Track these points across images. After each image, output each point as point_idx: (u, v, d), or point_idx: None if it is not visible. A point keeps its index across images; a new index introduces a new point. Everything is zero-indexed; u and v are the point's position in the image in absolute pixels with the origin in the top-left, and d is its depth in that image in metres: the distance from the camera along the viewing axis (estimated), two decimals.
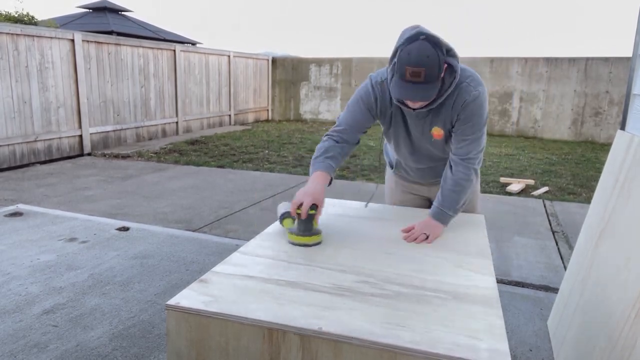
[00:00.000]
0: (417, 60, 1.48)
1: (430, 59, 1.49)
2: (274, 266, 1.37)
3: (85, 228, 3.93)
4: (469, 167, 1.73)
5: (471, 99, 1.65)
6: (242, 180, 5.92)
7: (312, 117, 13.18)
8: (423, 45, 1.48)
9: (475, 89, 1.65)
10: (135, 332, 2.38)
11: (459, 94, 1.65)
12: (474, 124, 1.69)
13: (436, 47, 1.50)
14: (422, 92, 1.53)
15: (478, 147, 1.73)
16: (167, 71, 9.33)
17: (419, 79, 1.50)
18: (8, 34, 6.13)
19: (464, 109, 1.67)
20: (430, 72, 1.49)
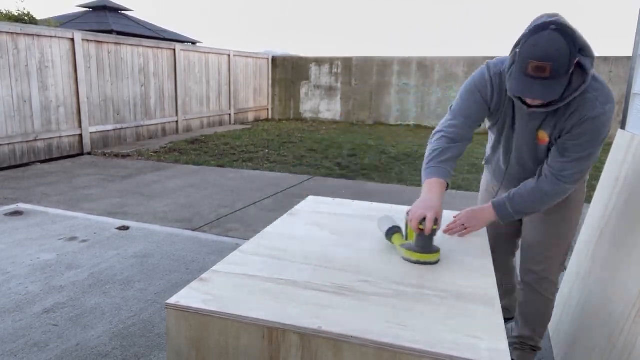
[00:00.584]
0: (544, 53, 1.30)
1: (559, 53, 1.30)
2: (274, 265, 1.37)
3: (85, 227, 3.93)
4: (558, 183, 1.55)
5: (593, 115, 1.43)
6: (242, 179, 5.92)
7: (312, 116, 13.18)
8: (553, 37, 1.30)
9: (602, 107, 1.43)
10: (136, 331, 2.38)
11: (582, 105, 1.44)
12: (584, 143, 1.48)
13: (568, 39, 1.31)
14: (546, 89, 1.35)
15: (579, 167, 1.52)
16: (167, 70, 9.32)
17: (544, 74, 1.32)
18: (8, 33, 6.13)
19: (581, 124, 1.45)
20: (558, 67, 1.31)
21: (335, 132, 10.69)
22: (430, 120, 11.88)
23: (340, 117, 12.87)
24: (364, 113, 12.57)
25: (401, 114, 12.17)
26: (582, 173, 1.54)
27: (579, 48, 1.35)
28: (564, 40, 1.30)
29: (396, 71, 12.06)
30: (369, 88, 12.41)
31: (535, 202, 1.58)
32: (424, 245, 1.41)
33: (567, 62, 1.31)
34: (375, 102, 12.40)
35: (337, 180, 5.93)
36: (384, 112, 12.34)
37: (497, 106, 1.63)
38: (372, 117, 12.49)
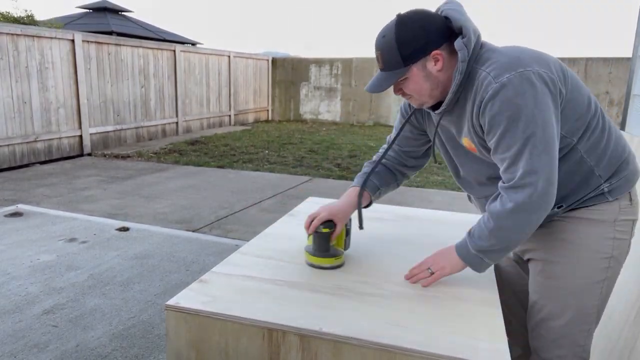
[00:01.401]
0: (376, 41, 1.23)
1: (384, 40, 1.19)
2: (274, 266, 1.36)
3: (85, 228, 3.93)
4: (510, 197, 1.14)
5: (489, 96, 1.12)
6: (242, 180, 5.92)
7: (312, 117, 13.18)
8: (388, 23, 1.21)
9: (497, 79, 1.11)
10: (135, 333, 2.38)
11: (477, 91, 1.17)
12: (506, 132, 1.13)
13: (401, 25, 1.17)
14: (376, 80, 1.24)
15: (524, 165, 1.12)
16: (167, 71, 9.33)
17: (379, 65, 1.24)
18: (8, 34, 6.13)
19: (483, 113, 1.16)
20: (386, 57, 1.20)
21: (335, 133, 10.69)
22: None
23: (340, 118, 12.87)
24: (364, 114, 12.57)
25: None
26: (537, 173, 1.11)
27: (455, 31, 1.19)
28: (394, 27, 1.18)
29: None
30: None
31: (494, 229, 1.16)
32: (317, 248, 1.36)
33: (393, 48, 1.18)
34: (375, 103, 12.40)
35: (336, 182, 5.93)
36: (384, 113, 12.34)
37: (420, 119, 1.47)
38: (372, 118, 12.50)
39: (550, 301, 1.28)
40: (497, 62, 1.15)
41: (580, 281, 1.24)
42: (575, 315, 1.25)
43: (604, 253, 1.23)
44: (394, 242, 1.59)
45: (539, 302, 1.31)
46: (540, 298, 1.31)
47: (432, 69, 1.21)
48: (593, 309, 1.25)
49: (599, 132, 1.24)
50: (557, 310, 1.27)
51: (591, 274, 1.24)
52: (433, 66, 1.20)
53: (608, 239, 1.23)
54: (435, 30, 1.18)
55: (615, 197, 1.24)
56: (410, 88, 1.25)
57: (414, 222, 1.81)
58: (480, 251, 1.19)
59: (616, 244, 1.23)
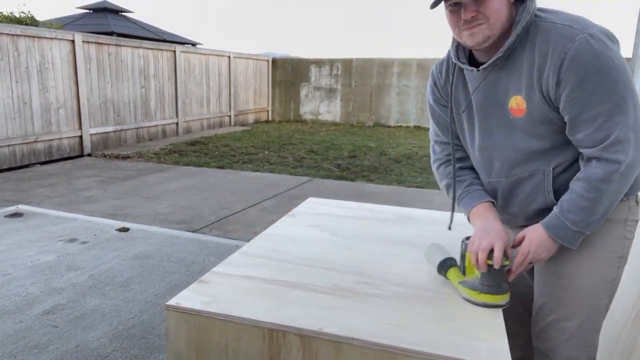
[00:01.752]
0: None
1: None
2: (274, 267, 1.36)
3: (85, 229, 3.93)
4: (610, 159, 1.07)
5: (578, 46, 1.03)
6: (242, 181, 5.92)
7: (312, 117, 13.18)
8: None
9: (584, 31, 1.04)
10: (136, 333, 2.38)
11: (549, 39, 1.08)
12: (597, 86, 1.03)
13: None
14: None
15: (622, 124, 1.04)
16: (167, 72, 9.33)
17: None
18: (8, 34, 6.13)
19: (571, 65, 1.04)
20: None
21: (335, 133, 10.69)
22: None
23: (340, 119, 12.87)
24: (364, 114, 12.57)
25: (401, 115, 12.18)
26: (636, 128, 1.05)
27: None
28: None
29: (396, 73, 12.07)
30: (369, 89, 12.42)
31: (597, 200, 1.10)
32: (493, 284, 1.14)
33: None
34: (375, 104, 12.40)
35: (337, 182, 5.93)
36: (384, 113, 12.34)
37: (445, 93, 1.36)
38: (372, 118, 12.50)
39: (563, 302, 1.23)
40: (569, 17, 1.10)
41: (594, 280, 1.20)
42: (588, 315, 1.22)
43: (616, 252, 1.21)
44: (395, 242, 1.59)
45: (550, 303, 1.26)
46: (552, 299, 1.26)
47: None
48: (604, 307, 1.23)
49: None
50: (571, 310, 1.23)
51: (605, 273, 1.20)
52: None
53: (620, 238, 1.21)
54: None
55: (627, 197, 1.20)
56: (491, 8, 1.11)
57: (415, 222, 1.81)
58: (585, 226, 1.13)
59: (626, 244, 1.22)
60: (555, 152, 1.18)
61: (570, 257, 1.21)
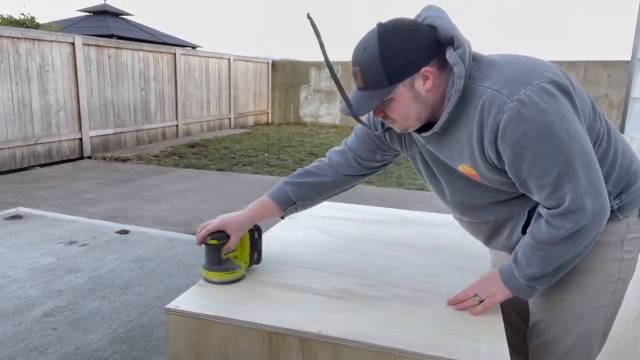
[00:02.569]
0: (354, 54, 1.06)
1: (366, 55, 1.02)
2: (273, 269, 1.37)
3: (85, 231, 3.93)
4: (558, 226, 1.04)
5: (509, 118, 0.96)
6: (241, 183, 5.92)
7: (311, 120, 13.19)
8: (368, 34, 1.03)
9: (513, 97, 0.96)
10: (135, 336, 2.37)
11: (484, 111, 1.00)
12: (536, 156, 0.98)
13: (385, 36, 1.00)
14: (356, 101, 1.07)
15: (572, 193, 0.99)
16: (167, 74, 9.34)
17: (358, 83, 1.06)
18: (9, 37, 6.14)
19: (503, 138, 0.98)
20: (367, 74, 1.03)
21: (335, 136, 10.70)
22: None
23: (340, 121, 12.87)
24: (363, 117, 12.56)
25: None
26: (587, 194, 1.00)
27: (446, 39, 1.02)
28: (376, 38, 1.00)
29: None
30: None
31: (545, 258, 1.07)
32: (207, 261, 1.27)
33: (378, 67, 1.00)
34: None
35: None
36: None
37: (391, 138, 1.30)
38: None
39: (552, 325, 1.20)
40: (502, 76, 1.00)
41: (584, 306, 1.16)
42: (578, 339, 1.18)
43: (610, 276, 1.15)
44: (394, 244, 1.59)
45: (541, 323, 1.23)
46: (542, 320, 1.23)
47: (420, 88, 1.04)
48: (597, 333, 1.18)
49: (605, 143, 1.10)
50: (559, 334, 1.20)
51: (596, 299, 1.15)
52: (422, 85, 1.04)
53: (615, 261, 1.14)
54: (425, 44, 1.02)
55: (625, 215, 1.12)
56: (395, 111, 1.08)
57: (414, 224, 1.81)
58: (532, 279, 1.09)
59: (623, 266, 1.15)
60: (526, 197, 1.12)
61: (560, 282, 1.15)
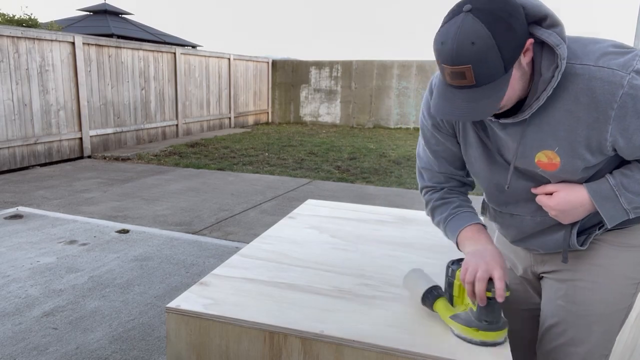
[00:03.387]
0: (456, 52, 0.89)
1: (477, 48, 0.87)
2: (275, 269, 1.36)
3: (85, 230, 3.93)
4: None
5: (628, 90, 0.91)
6: (242, 182, 5.92)
7: (312, 119, 13.19)
8: (465, 25, 0.88)
9: (626, 69, 0.92)
10: (135, 335, 2.37)
11: (589, 87, 0.94)
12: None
13: (491, 20, 0.87)
14: (471, 104, 0.93)
15: None
16: (167, 74, 9.34)
17: (465, 82, 0.92)
18: (9, 36, 6.14)
19: (624, 113, 0.93)
20: (483, 69, 0.89)
21: (335, 135, 10.69)
22: None
23: (340, 121, 12.88)
24: (363, 116, 12.58)
25: (401, 117, 12.19)
26: None
27: (535, 20, 0.94)
28: (483, 26, 0.87)
29: (396, 75, 12.08)
30: (369, 91, 12.43)
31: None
32: (492, 319, 0.99)
33: (494, 55, 0.88)
34: (375, 106, 12.41)
35: (336, 184, 5.93)
36: (384, 115, 12.35)
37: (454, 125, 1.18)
38: (371, 120, 12.50)
39: (573, 327, 1.17)
40: (599, 52, 0.95)
41: (607, 308, 1.14)
42: (598, 341, 1.16)
43: (634, 279, 1.13)
44: (394, 244, 1.59)
45: (559, 326, 1.19)
46: (561, 322, 1.18)
47: (524, 62, 0.94)
48: (615, 334, 1.17)
49: None
50: (580, 336, 1.16)
51: (619, 301, 1.14)
52: (524, 59, 0.94)
53: (639, 264, 1.13)
54: (521, 14, 0.92)
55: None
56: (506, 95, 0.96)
57: (414, 224, 1.81)
58: (635, 208, 1.02)
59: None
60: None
61: (585, 284, 1.14)
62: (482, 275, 0.99)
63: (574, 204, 1.04)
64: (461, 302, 1.07)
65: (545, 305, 1.23)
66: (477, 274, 1.00)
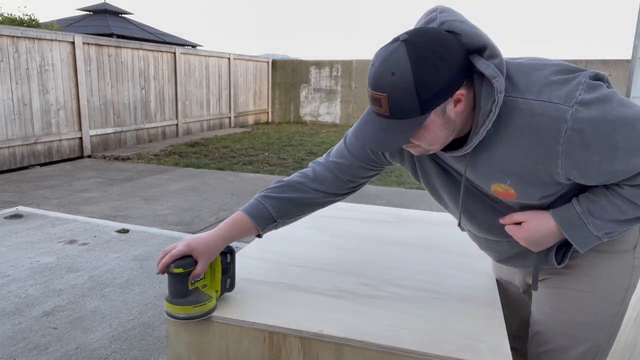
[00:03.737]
0: (376, 78, 0.88)
1: (395, 80, 0.86)
2: (274, 269, 1.36)
3: (85, 230, 3.93)
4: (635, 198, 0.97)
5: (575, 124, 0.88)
6: (242, 182, 5.92)
7: (312, 119, 13.18)
8: (394, 54, 0.87)
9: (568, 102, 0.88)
10: (135, 335, 2.37)
11: (532, 123, 0.91)
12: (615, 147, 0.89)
13: (419, 58, 0.85)
14: (381, 132, 0.92)
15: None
16: (167, 73, 9.34)
17: (381, 110, 0.90)
18: (9, 36, 6.14)
19: (572, 148, 0.89)
20: (396, 102, 0.87)
21: (335, 135, 10.69)
22: None
23: (340, 120, 12.87)
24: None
25: None
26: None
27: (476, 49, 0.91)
28: (408, 60, 0.85)
29: None
30: None
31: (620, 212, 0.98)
32: (170, 292, 1.08)
33: (410, 94, 0.86)
34: None
35: None
36: None
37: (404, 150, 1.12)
38: None
39: (558, 334, 1.16)
40: (533, 80, 0.92)
41: (593, 316, 1.12)
42: (584, 348, 1.14)
43: (621, 285, 1.11)
44: (394, 243, 1.59)
45: (546, 333, 1.18)
46: (548, 330, 1.17)
47: (451, 112, 0.92)
48: (603, 339, 1.14)
49: None
50: (565, 343, 1.15)
51: (606, 308, 1.12)
52: (453, 109, 0.91)
53: (627, 270, 1.10)
54: (458, 61, 0.89)
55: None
56: (422, 138, 0.94)
57: (414, 223, 1.81)
58: (606, 233, 1.00)
59: (635, 273, 1.11)
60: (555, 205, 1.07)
61: (569, 291, 1.13)
62: (165, 250, 1.08)
63: (543, 233, 1.04)
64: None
65: (534, 311, 1.23)
66: (167, 248, 1.09)
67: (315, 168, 1.24)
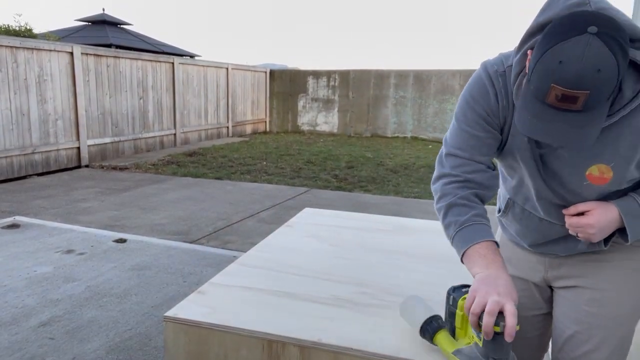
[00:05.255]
0: (577, 77, 0.81)
1: (602, 76, 0.81)
2: (273, 277, 1.37)
3: (82, 240, 3.91)
4: None
5: None
6: (240, 191, 5.92)
7: (309, 128, 13.22)
8: (593, 49, 0.80)
9: None
10: (133, 345, 2.36)
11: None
12: None
13: (616, 47, 0.81)
14: (575, 130, 0.87)
15: None
16: (165, 83, 9.37)
17: (573, 106, 0.85)
18: (7, 46, 6.16)
19: None
20: (598, 96, 0.83)
21: (332, 144, 10.72)
22: (427, 132, 11.93)
23: (338, 130, 12.91)
24: (361, 125, 12.62)
25: (398, 126, 12.23)
26: None
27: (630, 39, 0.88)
28: (611, 53, 0.80)
29: (393, 84, 12.15)
30: (366, 100, 12.48)
31: None
32: (500, 356, 0.87)
33: (613, 82, 0.82)
34: (372, 115, 12.46)
35: (334, 193, 5.93)
36: (381, 124, 12.39)
37: (504, 117, 1.07)
38: (369, 129, 12.54)
39: (596, 331, 1.15)
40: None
41: (628, 310, 1.14)
42: (618, 344, 1.15)
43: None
44: (392, 252, 1.59)
45: (583, 333, 1.16)
46: (585, 329, 1.16)
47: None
48: (631, 337, 1.16)
49: None
50: (602, 340, 1.15)
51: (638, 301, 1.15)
52: None
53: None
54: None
55: None
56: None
57: (412, 232, 1.82)
58: None
59: None
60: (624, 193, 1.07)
61: (607, 287, 1.14)
62: (492, 307, 0.88)
63: (610, 220, 1.03)
64: (464, 334, 0.97)
65: (566, 314, 1.19)
66: (485, 305, 0.89)
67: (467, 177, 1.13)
